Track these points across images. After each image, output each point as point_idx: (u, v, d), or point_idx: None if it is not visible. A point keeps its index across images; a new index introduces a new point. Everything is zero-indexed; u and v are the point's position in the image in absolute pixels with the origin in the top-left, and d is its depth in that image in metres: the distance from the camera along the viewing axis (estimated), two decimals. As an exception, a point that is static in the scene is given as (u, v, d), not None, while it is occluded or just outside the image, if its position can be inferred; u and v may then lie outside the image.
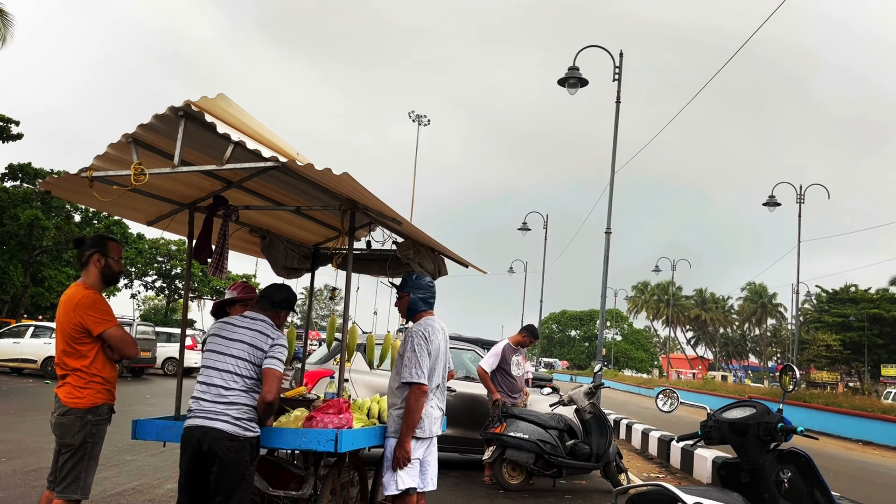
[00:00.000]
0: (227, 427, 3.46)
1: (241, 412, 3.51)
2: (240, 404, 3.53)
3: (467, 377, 9.88)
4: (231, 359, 3.60)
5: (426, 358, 4.13)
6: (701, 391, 37.50)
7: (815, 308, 63.62)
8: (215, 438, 3.44)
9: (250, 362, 3.61)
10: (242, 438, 3.48)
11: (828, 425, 22.93)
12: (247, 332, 3.66)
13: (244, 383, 3.57)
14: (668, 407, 4.20)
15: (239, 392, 3.55)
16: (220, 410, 3.49)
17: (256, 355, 3.62)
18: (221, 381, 3.56)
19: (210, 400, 3.53)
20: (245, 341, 3.64)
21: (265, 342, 3.64)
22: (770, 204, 29.11)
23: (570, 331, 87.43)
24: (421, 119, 52.84)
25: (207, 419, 3.48)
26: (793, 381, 3.81)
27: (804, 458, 3.57)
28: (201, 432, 3.47)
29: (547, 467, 8.16)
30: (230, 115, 3.50)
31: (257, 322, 3.72)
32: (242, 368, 3.59)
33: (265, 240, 5.06)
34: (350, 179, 3.34)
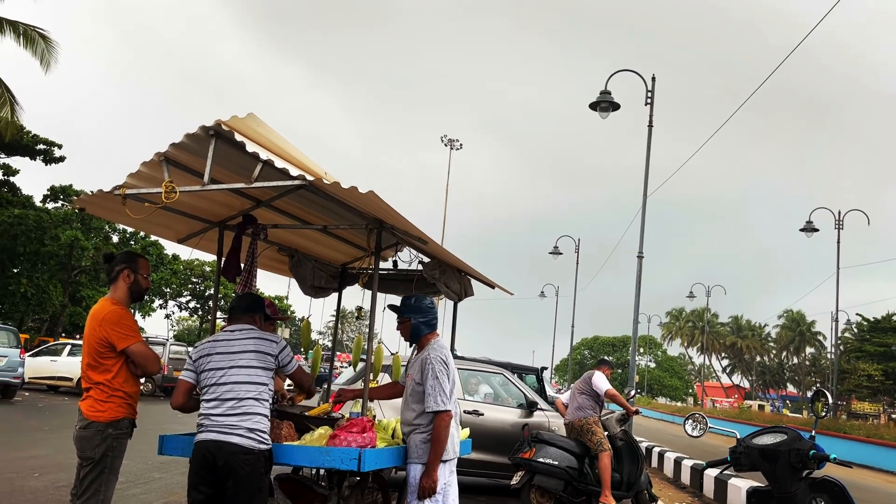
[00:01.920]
0: (242, 441, 3.45)
1: (254, 423, 3.50)
2: (252, 414, 3.51)
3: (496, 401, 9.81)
4: (240, 370, 3.57)
5: (448, 384, 4.11)
6: (737, 420, 36.65)
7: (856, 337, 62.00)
8: (231, 453, 3.42)
9: (263, 368, 3.60)
10: (258, 451, 3.46)
11: (869, 457, 22.24)
12: (248, 342, 3.65)
13: (257, 391, 3.55)
14: (696, 432, 4.12)
15: (252, 402, 3.53)
16: (234, 423, 3.48)
17: (267, 361, 3.61)
18: (233, 393, 3.54)
19: (222, 414, 3.51)
20: (250, 349, 3.62)
21: (271, 347, 3.64)
22: (808, 230, 28.59)
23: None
24: (453, 143, 53.14)
25: (221, 433, 3.47)
26: (825, 406, 3.72)
27: (838, 487, 3.47)
28: (216, 447, 3.45)
29: (576, 495, 8.02)
30: (259, 135, 3.57)
31: (248, 329, 3.71)
32: (254, 376, 3.57)
33: (293, 259, 5.11)
34: (375, 198, 3.37)
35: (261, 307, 4.02)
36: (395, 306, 4.48)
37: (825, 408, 3.74)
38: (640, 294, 17.48)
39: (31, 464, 8.44)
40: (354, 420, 3.90)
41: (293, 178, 3.27)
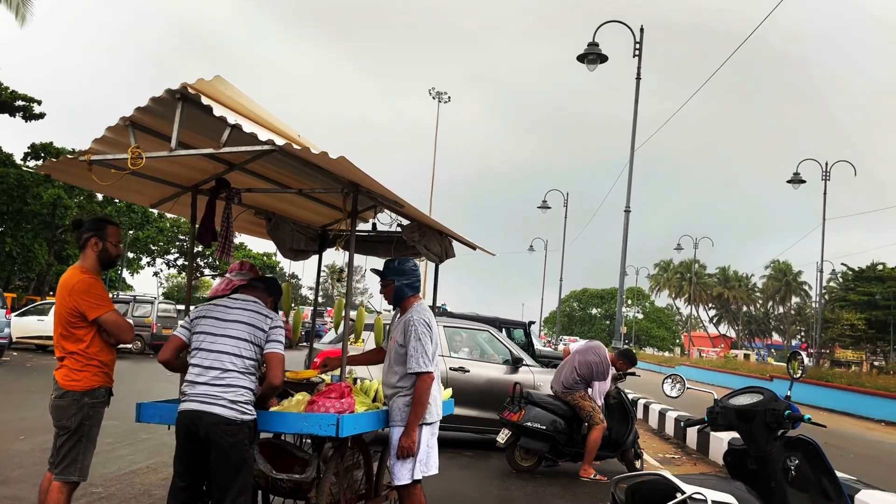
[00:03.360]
0: (223, 411, 3.41)
1: (237, 395, 3.45)
2: (236, 387, 3.46)
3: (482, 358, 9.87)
4: (229, 339, 3.53)
5: (430, 345, 4.13)
6: (722, 370, 37.25)
7: (841, 286, 62.77)
8: (212, 423, 3.39)
9: (251, 342, 3.54)
10: (240, 422, 3.44)
11: (850, 405, 22.69)
12: (243, 313, 3.60)
13: (243, 364, 3.51)
14: (674, 392, 4.15)
15: (236, 374, 3.48)
16: (216, 394, 3.44)
17: (257, 335, 3.56)
18: (219, 363, 3.49)
19: (205, 383, 3.47)
20: (243, 321, 3.57)
21: (264, 322, 3.59)
22: (795, 181, 28.65)
23: (592, 309, 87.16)
24: (441, 96, 52.55)
25: (203, 403, 3.43)
26: (801, 367, 3.74)
27: (812, 446, 3.50)
28: (197, 416, 3.42)
29: (560, 455, 8.14)
30: (228, 98, 3.46)
31: (250, 302, 3.67)
32: (242, 349, 3.52)
33: (271, 222, 5.04)
34: (346, 163, 3.29)
35: (277, 293, 4.00)
36: (378, 270, 4.47)
37: (800, 367, 3.75)
38: (628, 247, 17.55)
39: (18, 426, 8.46)
40: (333, 385, 3.89)
41: (262, 142, 3.18)
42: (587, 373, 8.07)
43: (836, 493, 3.51)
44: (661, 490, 2.97)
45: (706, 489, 2.95)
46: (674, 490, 2.92)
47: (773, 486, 3.44)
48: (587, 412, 7.96)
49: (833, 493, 3.50)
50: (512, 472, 8.02)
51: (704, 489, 2.94)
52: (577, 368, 8.11)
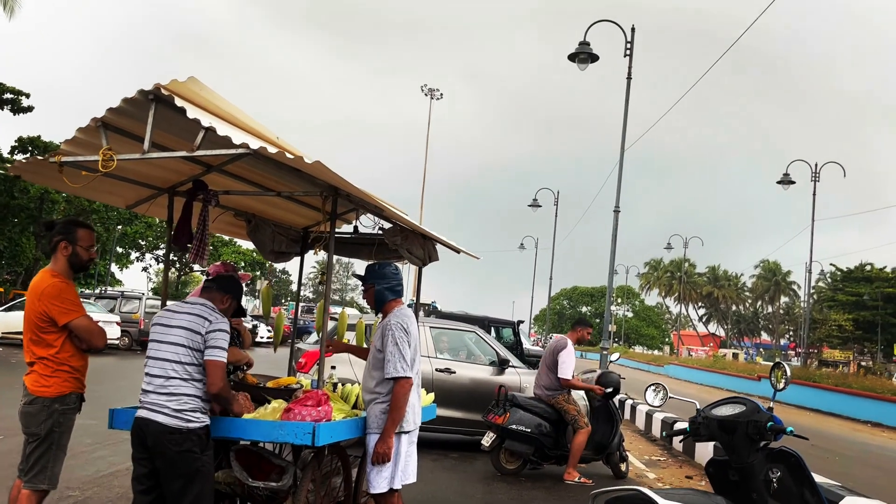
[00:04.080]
0: (167, 420, 3.37)
1: (181, 403, 3.40)
2: (180, 395, 3.41)
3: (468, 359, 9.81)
4: (170, 346, 3.48)
5: (408, 350, 4.05)
6: (710, 369, 37.41)
7: (830, 287, 63.10)
8: (157, 432, 3.37)
9: (189, 348, 3.47)
10: (185, 430, 3.38)
11: (837, 406, 22.81)
12: (185, 317, 3.53)
13: (184, 371, 3.45)
14: (657, 401, 4.10)
15: (179, 381, 3.43)
16: (161, 402, 3.40)
17: (195, 340, 3.48)
18: (161, 370, 3.46)
19: (152, 391, 3.45)
20: (183, 325, 3.50)
21: (202, 325, 3.49)
22: (785, 182, 28.72)
23: (582, 307, 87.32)
24: (434, 93, 52.46)
25: (150, 411, 3.41)
26: (784, 377, 3.69)
27: (794, 458, 3.46)
28: (144, 424, 3.41)
29: (545, 458, 8.09)
30: (203, 99, 3.39)
31: (196, 306, 3.60)
32: (181, 355, 3.46)
33: (251, 224, 4.96)
34: (322, 168, 3.22)
35: (236, 291, 3.90)
36: (360, 275, 4.42)
37: (783, 378, 3.71)
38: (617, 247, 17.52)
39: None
40: (310, 393, 3.82)
41: (236, 146, 3.10)
42: (555, 365, 8.03)
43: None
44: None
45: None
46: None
47: (755, 499, 3.40)
48: (572, 416, 7.91)
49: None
50: (496, 475, 7.97)
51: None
52: (550, 367, 8.09)
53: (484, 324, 18.14)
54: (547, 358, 8.20)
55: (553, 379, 8.04)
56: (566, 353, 7.98)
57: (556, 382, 8.03)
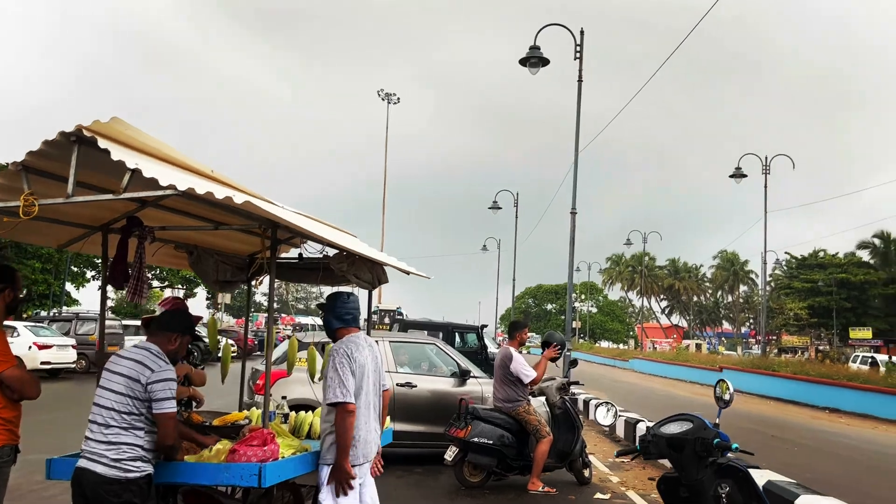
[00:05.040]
0: (104, 470, 3.27)
1: (119, 453, 3.30)
2: (118, 444, 3.31)
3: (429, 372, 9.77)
4: (111, 394, 3.38)
5: (350, 377, 3.91)
6: (674, 362, 37.95)
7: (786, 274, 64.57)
8: (94, 482, 3.27)
9: (129, 396, 3.36)
10: (124, 481, 3.28)
11: (796, 393, 23.30)
12: (127, 364, 3.42)
13: (123, 420, 3.34)
14: (608, 420, 4.12)
15: (118, 431, 3.33)
16: (100, 451, 3.31)
17: (135, 389, 3.36)
18: (101, 418, 3.36)
19: (92, 439, 3.35)
20: (124, 374, 3.40)
21: (143, 374, 3.37)
22: (737, 176, 29.32)
23: (547, 304, 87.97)
24: (390, 97, 52.36)
25: (88, 460, 3.32)
26: (728, 391, 3.74)
27: (742, 473, 3.50)
28: (82, 474, 3.31)
29: (509, 469, 8.08)
30: (129, 138, 3.28)
31: (140, 351, 3.48)
32: (120, 404, 3.35)
33: (193, 255, 4.84)
34: (253, 206, 3.14)
35: (182, 327, 3.74)
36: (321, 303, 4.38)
37: (727, 392, 3.75)
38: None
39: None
40: (255, 432, 3.73)
41: (163, 187, 3.01)
42: (511, 377, 8.00)
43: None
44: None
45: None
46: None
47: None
48: (533, 426, 7.92)
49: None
50: (461, 489, 7.94)
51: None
52: (503, 380, 8.09)
53: (448, 330, 18.17)
54: (498, 373, 8.17)
55: (510, 392, 8.03)
56: (516, 363, 7.98)
57: (514, 394, 8.03)
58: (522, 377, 7.95)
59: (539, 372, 8.10)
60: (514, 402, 8.01)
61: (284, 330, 42.68)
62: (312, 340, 9.04)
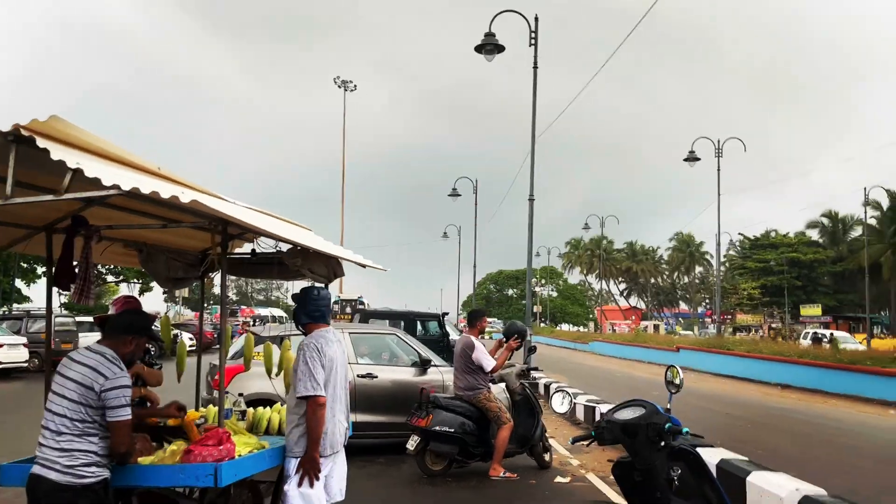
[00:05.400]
0: (58, 477, 3.21)
1: (72, 459, 3.24)
2: (72, 451, 3.24)
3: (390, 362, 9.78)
4: (63, 400, 3.30)
5: (320, 370, 4.04)
6: (633, 344, 38.58)
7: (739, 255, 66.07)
8: (48, 490, 3.21)
9: (81, 404, 3.29)
10: (79, 487, 3.22)
11: (750, 371, 23.92)
12: (80, 369, 3.34)
13: (76, 427, 3.27)
14: (563, 408, 4.19)
15: (71, 438, 3.26)
16: (53, 458, 3.24)
17: (88, 396, 3.29)
18: (54, 425, 3.28)
19: (45, 445, 3.28)
20: (77, 380, 3.32)
21: (97, 381, 3.30)
22: (690, 159, 29.80)
23: (508, 290, 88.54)
24: (347, 85, 51.89)
25: (42, 467, 3.25)
26: (678, 377, 3.83)
27: (693, 455, 3.59)
28: (36, 481, 3.24)
29: (470, 457, 8.14)
30: (71, 136, 3.19)
31: (94, 357, 3.39)
32: (72, 411, 3.28)
33: (143, 253, 4.75)
34: (200, 205, 3.09)
35: (137, 328, 3.66)
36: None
37: (678, 377, 3.84)
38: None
39: None
40: (211, 432, 3.70)
41: (106, 187, 2.94)
42: (472, 366, 8.07)
43: (718, 499, 3.61)
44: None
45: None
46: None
47: (659, 497, 3.50)
48: (494, 413, 7.99)
49: (715, 499, 3.60)
50: (423, 478, 7.98)
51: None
52: (465, 369, 8.15)
53: (409, 319, 18.17)
54: (459, 362, 8.22)
55: (471, 380, 8.09)
56: (478, 352, 8.05)
57: (475, 382, 8.09)
58: (484, 366, 8.02)
59: (499, 361, 8.18)
60: (475, 390, 8.08)
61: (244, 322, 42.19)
62: (270, 334, 8.99)
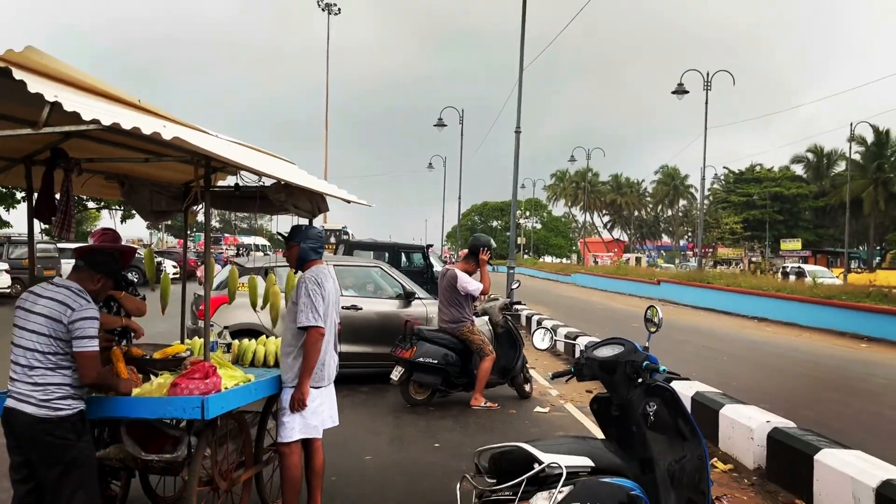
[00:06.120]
0: (34, 410, 3.26)
1: (47, 393, 3.28)
2: (45, 385, 3.29)
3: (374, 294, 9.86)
4: (31, 335, 3.32)
5: (320, 302, 4.27)
6: (614, 276, 39.06)
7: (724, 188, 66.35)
8: (25, 423, 3.26)
9: (51, 337, 3.32)
10: (56, 419, 3.27)
11: (729, 304, 24.38)
12: (48, 303, 3.35)
13: (49, 361, 3.31)
14: (544, 345, 4.28)
15: (44, 372, 3.30)
16: (26, 392, 3.28)
17: (57, 329, 3.32)
18: (25, 359, 3.31)
19: (18, 380, 3.32)
20: (44, 314, 3.33)
21: (64, 314, 3.32)
22: (679, 91, 29.52)
23: (493, 221, 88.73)
24: (331, 7, 50.48)
25: (17, 401, 3.30)
26: (657, 316, 3.92)
27: (668, 392, 3.69)
28: (11, 415, 3.30)
29: (452, 387, 8.34)
30: (49, 69, 3.11)
31: (61, 290, 3.40)
32: (44, 345, 3.31)
33: (125, 185, 4.69)
34: (182, 141, 3.05)
35: (109, 270, 3.68)
36: (285, 234, 4.60)
37: (656, 316, 3.92)
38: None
39: None
40: (197, 365, 3.75)
41: (86, 122, 2.89)
42: (458, 297, 8.20)
43: (691, 433, 3.73)
44: (521, 460, 3.06)
45: (563, 456, 3.07)
46: (533, 460, 3.02)
47: (635, 431, 3.62)
48: (477, 345, 8.14)
49: (688, 433, 3.73)
50: (406, 407, 8.18)
51: (561, 456, 3.06)
52: (450, 301, 8.26)
53: (394, 250, 18.23)
54: (445, 294, 8.32)
55: (455, 313, 8.22)
56: (462, 281, 8.18)
57: (459, 315, 8.21)
58: (473, 291, 8.15)
59: (485, 282, 8.32)
60: (459, 323, 8.20)
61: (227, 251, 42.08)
62: (254, 266, 9.01)
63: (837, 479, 4.75)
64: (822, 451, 5.04)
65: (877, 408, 9.32)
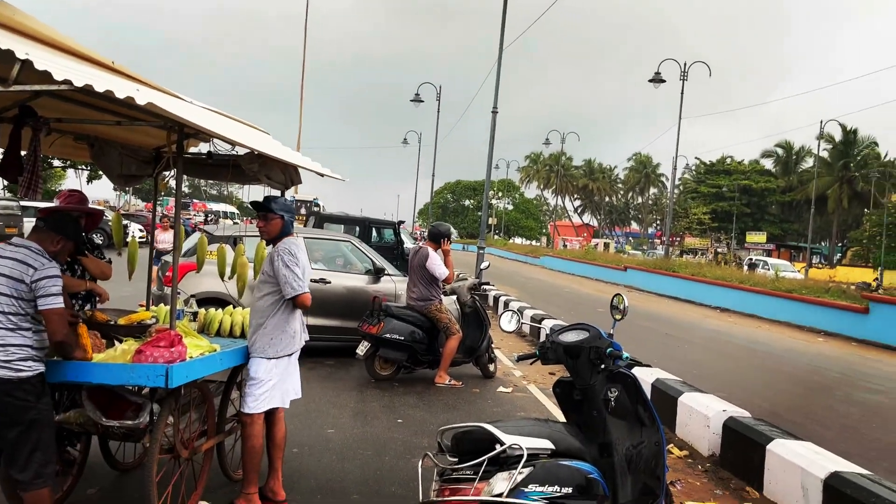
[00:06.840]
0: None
1: (8, 354, 3.25)
2: (6, 346, 3.25)
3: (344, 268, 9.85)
4: None
5: (299, 270, 4.37)
6: (582, 261, 39.40)
7: (694, 179, 67.13)
8: None
9: (12, 297, 3.28)
10: (16, 380, 3.24)
11: (693, 293, 24.78)
12: (7, 264, 3.31)
13: (10, 321, 3.27)
14: (511, 327, 4.33)
15: (5, 332, 3.26)
16: None
17: (18, 288, 3.29)
18: None
19: None
20: (5, 274, 3.29)
21: (26, 273, 3.30)
22: (656, 80, 29.67)
23: (465, 200, 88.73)
24: (310, -25, 49.52)
25: None
26: (623, 303, 3.98)
27: (630, 378, 3.76)
28: None
29: (418, 364, 8.39)
30: (19, 24, 3.03)
31: (20, 250, 3.37)
32: (5, 305, 3.27)
33: (94, 147, 4.60)
34: (156, 107, 3.00)
35: (70, 232, 3.66)
36: (259, 202, 4.55)
37: (623, 304, 3.99)
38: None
39: None
40: (162, 333, 3.72)
41: (57, 82, 2.82)
42: (427, 276, 8.27)
43: (650, 419, 3.82)
44: (483, 440, 3.11)
45: (524, 438, 3.12)
46: (494, 440, 3.07)
47: (595, 415, 3.69)
48: (444, 323, 8.19)
49: (647, 419, 3.81)
50: (371, 382, 8.21)
51: (522, 438, 3.11)
52: (420, 279, 8.32)
53: (365, 225, 18.14)
54: (417, 271, 8.34)
55: (424, 291, 8.25)
56: (432, 262, 8.22)
57: (427, 293, 8.25)
58: (437, 274, 8.18)
59: (450, 271, 8.33)
60: (427, 301, 8.24)
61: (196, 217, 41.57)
62: (223, 234, 8.92)
63: (788, 469, 4.90)
64: (775, 442, 5.19)
65: (829, 401, 9.60)
